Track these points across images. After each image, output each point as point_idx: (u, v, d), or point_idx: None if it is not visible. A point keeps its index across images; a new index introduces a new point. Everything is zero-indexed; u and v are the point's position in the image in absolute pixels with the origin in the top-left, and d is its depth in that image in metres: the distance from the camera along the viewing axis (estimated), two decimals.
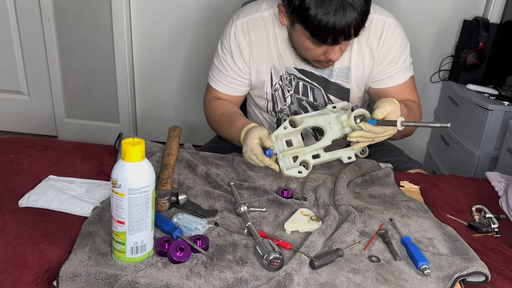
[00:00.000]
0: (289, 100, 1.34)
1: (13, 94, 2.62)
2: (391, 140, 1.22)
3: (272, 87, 1.33)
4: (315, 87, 1.31)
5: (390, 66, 1.27)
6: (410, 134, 1.33)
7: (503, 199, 1.14)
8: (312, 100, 1.33)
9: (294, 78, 1.30)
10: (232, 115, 1.29)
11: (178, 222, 0.91)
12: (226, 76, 1.33)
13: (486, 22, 2.06)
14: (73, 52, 2.47)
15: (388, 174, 1.19)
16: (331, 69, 1.28)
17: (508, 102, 1.92)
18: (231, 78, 1.33)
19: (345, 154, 1.15)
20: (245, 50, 1.28)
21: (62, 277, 0.75)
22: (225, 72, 1.32)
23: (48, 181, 1.04)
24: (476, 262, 0.86)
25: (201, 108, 2.70)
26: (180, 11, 2.36)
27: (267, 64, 1.30)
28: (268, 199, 1.03)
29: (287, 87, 1.32)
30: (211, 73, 1.37)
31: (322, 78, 1.30)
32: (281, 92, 1.33)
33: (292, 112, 1.36)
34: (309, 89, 1.31)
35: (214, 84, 1.36)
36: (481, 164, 1.98)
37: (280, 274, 0.79)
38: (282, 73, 1.30)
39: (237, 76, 1.32)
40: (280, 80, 1.31)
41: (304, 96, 1.33)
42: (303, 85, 1.31)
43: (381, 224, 0.98)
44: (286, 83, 1.31)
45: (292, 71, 1.30)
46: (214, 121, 1.35)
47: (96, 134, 2.66)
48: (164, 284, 0.75)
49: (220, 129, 1.33)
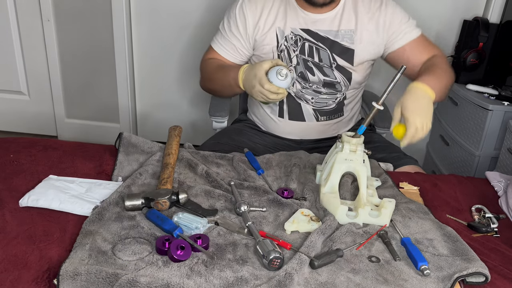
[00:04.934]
0: (295, 61, 1.39)
1: (13, 94, 2.62)
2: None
3: (278, 47, 1.38)
4: (321, 47, 1.37)
5: (400, 26, 1.36)
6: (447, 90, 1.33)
7: (502, 199, 1.14)
8: (318, 61, 1.38)
9: (300, 39, 1.36)
10: (228, 66, 1.40)
11: (179, 221, 0.92)
12: (228, 42, 1.42)
13: (486, 22, 2.06)
14: (73, 52, 2.47)
15: (385, 181, 1.18)
16: (336, 30, 1.36)
17: (508, 102, 1.92)
18: (232, 45, 1.42)
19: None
20: (250, 21, 1.38)
21: (62, 276, 0.75)
22: (228, 38, 1.41)
23: (49, 180, 1.04)
24: (476, 263, 0.86)
25: (201, 108, 2.68)
26: (180, 11, 2.36)
27: (273, 26, 1.37)
28: (268, 199, 1.04)
29: (293, 47, 1.37)
30: (215, 37, 1.46)
31: (327, 39, 1.37)
32: (287, 53, 1.38)
33: (298, 73, 1.40)
34: (314, 49, 1.37)
35: (216, 46, 1.45)
36: (481, 164, 1.98)
37: (280, 274, 0.79)
38: (287, 33, 1.37)
39: (239, 45, 1.41)
40: (286, 41, 1.37)
41: (310, 57, 1.38)
42: (309, 46, 1.37)
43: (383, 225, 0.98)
44: (291, 43, 1.37)
45: (298, 32, 1.36)
46: (210, 73, 1.43)
47: (96, 134, 2.66)
48: (164, 283, 0.75)
49: (217, 79, 1.40)
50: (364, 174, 1.03)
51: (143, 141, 1.24)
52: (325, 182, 1.05)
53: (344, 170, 1.06)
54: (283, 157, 1.27)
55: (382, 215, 0.97)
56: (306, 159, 1.26)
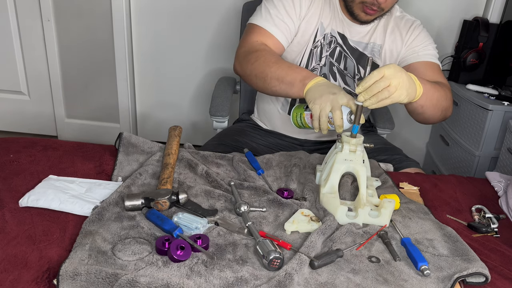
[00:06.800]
0: (324, 61, 1.40)
1: (13, 94, 2.62)
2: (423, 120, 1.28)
3: (314, 42, 1.38)
4: (349, 56, 1.39)
5: (418, 47, 1.37)
6: (435, 118, 1.28)
7: (502, 199, 1.14)
8: (343, 68, 1.40)
9: (334, 42, 1.38)
10: (293, 63, 1.30)
11: (179, 221, 0.91)
12: (281, 22, 1.33)
13: (486, 22, 2.06)
14: (73, 52, 2.47)
15: (385, 181, 1.18)
16: (366, 42, 1.39)
17: (508, 102, 1.92)
18: (286, 26, 1.33)
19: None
20: (304, 5, 1.35)
21: (62, 276, 0.75)
22: (281, 18, 1.33)
23: (48, 180, 1.04)
24: (476, 263, 0.86)
25: (201, 108, 2.67)
26: (181, 11, 2.36)
27: (318, 19, 1.37)
28: (268, 199, 1.04)
29: (326, 47, 1.38)
30: (261, 18, 1.34)
31: (356, 50, 1.40)
32: (320, 50, 1.39)
33: (321, 74, 1.41)
34: (343, 56, 1.40)
35: (267, 26, 1.32)
36: (481, 164, 1.98)
37: (280, 274, 0.79)
38: (327, 32, 1.38)
39: (292, 26, 1.34)
40: (323, 39, 1.38)
41: (337, 62, 1.40)
42: (339, 51, 1.40)
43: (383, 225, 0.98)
44: (326, 43, 1.38)
45: (335, 34, 1.39)
46: (267, 61, 1.24)
47: (96, 134, 2.67)
48: (164, 283, 0.75)
49: (277, 69, 1.22)
50: (363, 174, 1.03)
51: (143, 141, 1.24)
52: (325, 182, 1.05)
53: (344, 170, 1.06)
54: (283, 157, 1.27)
55: (382, 215, 0.97)
56: (306, 159, 1.26)
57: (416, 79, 1.10)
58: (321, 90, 1.10)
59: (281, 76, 1.20)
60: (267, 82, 1.24)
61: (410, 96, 1.05)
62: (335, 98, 1.06)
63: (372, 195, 1.04)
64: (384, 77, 0.97)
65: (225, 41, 2.39)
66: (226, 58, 2.42)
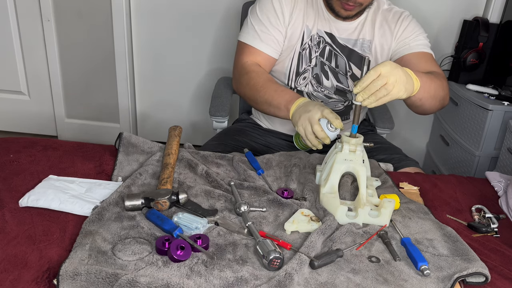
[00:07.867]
0: (314, 62, 1.41)
1: (13, 94, 2.62)
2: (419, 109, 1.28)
3: (301, 45, 1.39)
4: (339, 54, 1.39)
5: (408, 39, 1.38)
6: (431, 108, 1.28)
7: (502, 199, 1.14)
8: (334, 66, 1.41)
9: (323, 42, 1.38)
10: (280, 85, 1.32)
11: (179, 221, 0.91)
12: (268, 36, 1.36)
13: (486, 22, 2.06)
14: (73, 52, 2.47)
15: (385, 181, 1.18)
16: (355, 39, 1.39)
17: (508, 102, 1.92)
18: (274, 39, 1.37)
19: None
20: (286, 12, 1.36)
21: (62, 276, 0.75)
22: (268, 32, 1.36)
23: (48, 180, 1.04)
24: (476, 263, 0.86)
25: (201, 108, 2.68)
26: (181, 11, 2.36)
27: (302, 22, 1.38)
28: (268, 199, 1.04)
29: (315, 48, 1.39)
30: (247, 35, 1.39)
31: (346, 47, 1.40)
32: (309, 52, 1.40)
33: (314, 75, 1.41)
34: (333, 55, 1.41)
35: (256, 43, 1.37)
36: (481, 164, 1.98)
37: (280, 274, 0.79)
38: (314, 33, 1.39)
39: (280, 37, 1.37)
40: (310, 40, 1.38)
41: (328, 61, 1.40)
42: (329, 50, 1.40)
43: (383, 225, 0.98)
44: (314, 44, 1.38)
45: (322, 34, 1.39)
46: (256, 85, 1.32)
47: (96, 134, 2.67)
48: (164, 283, 0.75)
49: (265, 94, 1.29)
50: (363, 174, 1.03)
51: (143, 141, 1.24)
52: (325, 182, 1.05)
53: (344, 170, 1.06)
54: (283, 157, 1.27)
55: (382, 215, 0.97)
56: (306, 159, 1.26)
57: (412, 73, 1.11)
58: (300, 112, 1.17)
59: (268, 100, 1.28)
60: (259, 105, 1.34)
61: (408, 91, 1.07)
62: (311, 116, 1.13)
63: (372, 195, 1.04)
64: (381, 75, 0.99)
65: (225, 41, 2.39)
66: (226, 58, 2.42)
